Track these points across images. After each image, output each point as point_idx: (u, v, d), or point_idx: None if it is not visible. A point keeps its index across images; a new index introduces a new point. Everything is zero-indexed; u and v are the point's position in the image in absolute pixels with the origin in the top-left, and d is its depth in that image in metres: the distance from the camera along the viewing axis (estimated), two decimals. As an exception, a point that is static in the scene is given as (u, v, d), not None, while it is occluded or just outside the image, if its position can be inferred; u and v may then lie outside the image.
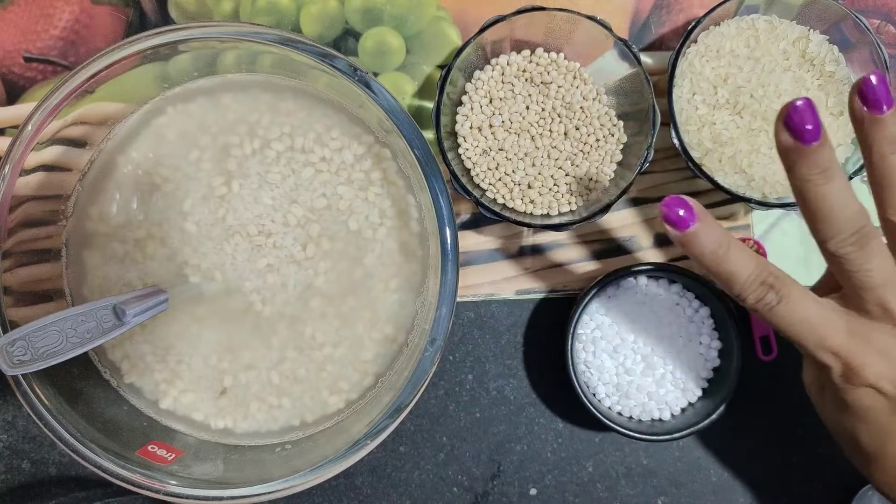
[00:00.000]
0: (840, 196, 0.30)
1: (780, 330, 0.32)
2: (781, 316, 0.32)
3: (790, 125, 0.29)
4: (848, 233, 0.30)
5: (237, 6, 0.44)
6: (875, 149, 0.30)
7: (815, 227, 0.31)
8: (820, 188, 0.30)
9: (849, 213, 0.30)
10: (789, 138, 0.30)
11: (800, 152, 0.30)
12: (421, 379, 0.34)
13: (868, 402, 0.32)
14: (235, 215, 0.38)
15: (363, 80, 0.34)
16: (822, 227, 0.31)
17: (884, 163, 0.31)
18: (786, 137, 0.30)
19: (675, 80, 0.40)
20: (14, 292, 0.36)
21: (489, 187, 0.42)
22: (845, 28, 0.41)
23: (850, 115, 0.31)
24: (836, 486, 0.45)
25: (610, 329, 0.42)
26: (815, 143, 0.29)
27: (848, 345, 0.32)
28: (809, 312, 0.32)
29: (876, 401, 0.32)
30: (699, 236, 0.31)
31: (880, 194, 0.32)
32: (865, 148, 0.31)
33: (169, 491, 0.34)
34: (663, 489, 0.45)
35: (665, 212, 0.31)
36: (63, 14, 0.44)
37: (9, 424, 0.44)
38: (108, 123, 0.38)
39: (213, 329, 0.38)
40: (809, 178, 0.30)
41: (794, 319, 0.32)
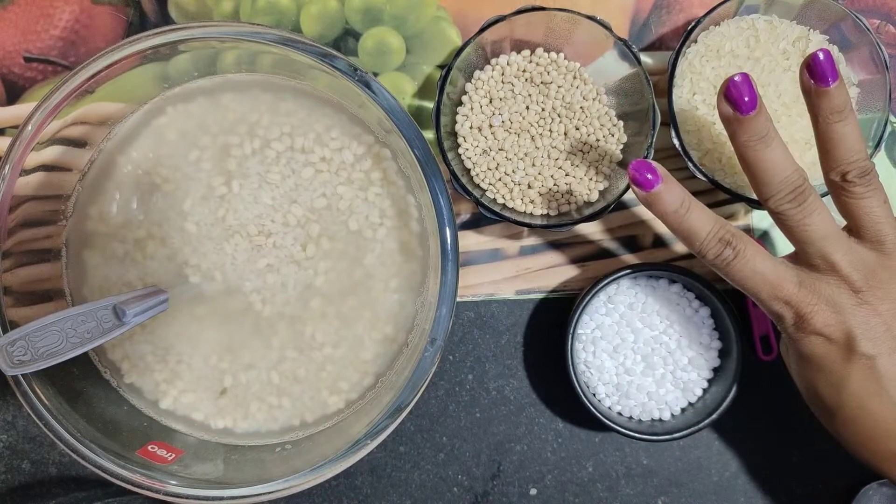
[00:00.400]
0: (777, 159, 0.34)
1: (737, 283, 0.35)
2: (738, 269, 0.35)
3: (729, 97, 0.33)
4: (786, 191, 0.34)
5: (237, 6, 0.44)
6: (821, 118, 0.34)
7: (757, 188, 0.35)
8: (759, 153, 0.34)
9: (786, 174, 0.34)
10: (729, 109, 0.33)
11: (739, 121, 0.33)
12: (421, 379, 0.34)
13: (820, 349, 0.35)
14: (235, 215, 0.38)
15: (363, 80, 0.34)
16: (762, 188, 0.34)
17: (827, 130, 0.34)
18: (726, 108, 0.34)
19: (675, 80, 0.40)
20: (14, 292, 0.36)
21: (489, 187, 0.42)
22: (845, 28, 0.41)
23: (801, 88, 0.34)
24: (836, 485, 0.45)
25: (610, 329, 0.42)
26: (752, 113, 0.33)
27: (798, 294, 0.34)
28: (763, 267, 0.35)
29: (827, 348, 0.34)
30: (662, 196, 0.34)
31: (824, 158, 0.35)
32: (813, 117, 0.34)
33: (169, 491, 0.34)
34: (663, 489, 0.45)
35: (633, 174, 0.34)
36: (63, 14, 0.44)
37: (9, 424, 0.44)
38: (108, 123, 0.38)
39: (213, 329, 0.38)
40: (749, 144, 0.34)
41: (749, 273, 0.34)
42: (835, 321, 0.34)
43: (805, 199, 0.34)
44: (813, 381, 0.36)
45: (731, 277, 0.35)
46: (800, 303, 0.34)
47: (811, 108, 0.35)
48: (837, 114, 0.34)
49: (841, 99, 0.34)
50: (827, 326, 0.34)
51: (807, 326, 0.34)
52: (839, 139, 0.34)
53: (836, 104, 0.34)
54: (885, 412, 0.34)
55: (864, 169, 0.34)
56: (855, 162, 0.34)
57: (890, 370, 0.34)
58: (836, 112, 0.34)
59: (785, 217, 0.34)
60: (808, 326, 0.34)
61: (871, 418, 0.34)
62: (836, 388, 0.35)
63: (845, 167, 0.34)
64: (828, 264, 0.34)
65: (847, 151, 0.34)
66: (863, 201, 0.34)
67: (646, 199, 0.35)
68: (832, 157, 0.34)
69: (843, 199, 0.35)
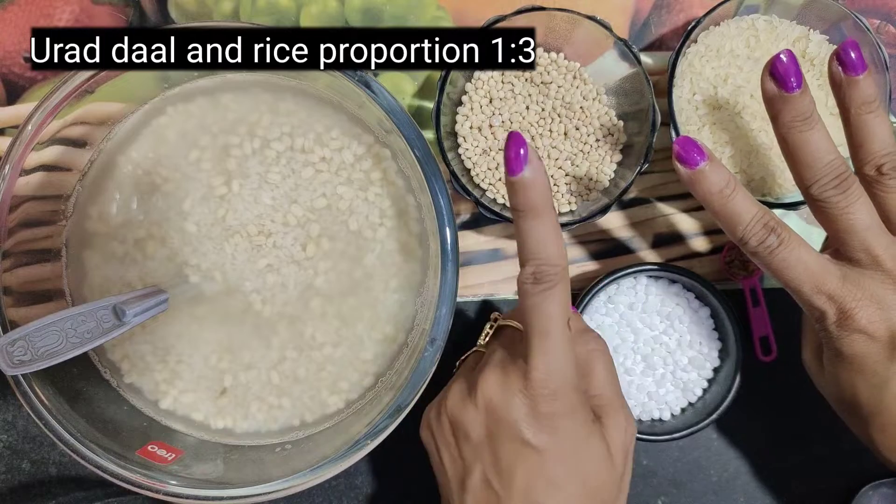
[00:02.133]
0: (821, 142, 0.33)
1: (778, 274, 0.33)
2: (782, 258, 0.33)
3: (775, 74, 0.32)
4: (830, 177, 0.32)
5: (237, 6, 0.44)
6: (853, 109, 0.33)
7: (799, 172, 0.34)
8: (803, 134, 0.33)
9: (829, 157, 0.33)
10: (774, 87, 0.33)
11: (784, 100, 0.33)
12: (421, 379, 0.34)
13: (862, 348, 0.33)
14: (235, 215, 0.38)
15: (363, 80, 0.34)
16: (805, 172, 0.33)
17: (859, 121, 0.33)
18: (771, 86, 0.33)
19: (675, 80, 0.40)
20: (14, 292, 0.36)
21: (489, 187, 0.42)
22: (845, 28, 0.41)
23: (829, 80, 0.34)
24: (836, 485, 0.45)
25: (610, 329, 0.42)
26: (798, 91, 0.32)
27: (842, 289, 0.33)
28: (808, 258, 0.33)
29: (870, 347, 0.33)
30: (708, 175, 0.33)
31: (858, 151, 0.34)
32: (843, 110, 0.34)
33: (169, 491, 0.34)
34: (663, 489, 0.45)
35: (677, 150, 0.33)
36: (63, 14, 0.44)
37: (9, 424, 0.44)
38: (108, 123, 0.38)
39: (213, 329, 0.38)
40: (793, 125, 0.33)
41: (793, 262, 0.33)
42: (879, 318, 0.32)
43: (849, 186, 0.32)
44: (852, 383, 0.34)
45: (774, 267, 0.33)
46: (844, 298, 0.32)
47: (841, 100, 0.34)
48: (869, 104, 0.33)
49: (872, 89, 0.33)
50: (871, 323, 0.32)
51: (850, 323, 0.33)
52: (872, 131, 0.33)
53: (867, 94, 0.33)
54: None
55: None
56: (890, 154, 0.33)
57: None
58: (867, 102, 0.33)
59: (828, 205, 0.33)
60: (852, 323, 0.33)
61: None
62: (878, 390, 0.33)
63: (880, 160, 0.33)
64: (871, 258, 0.32)
65: (882, 144, 0.33)
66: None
67: (690, 177, 0.33)
68: (866, 150, 0.33)
69: (878, 195, 0.33)
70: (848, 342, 0.33)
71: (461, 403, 0.32)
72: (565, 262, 0.31)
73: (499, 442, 0.31)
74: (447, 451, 0.32)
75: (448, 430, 0.32)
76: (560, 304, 0.30)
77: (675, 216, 0.45)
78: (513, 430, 0.30)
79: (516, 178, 0.30)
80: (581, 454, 0.31)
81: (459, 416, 0.32)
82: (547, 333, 0.30)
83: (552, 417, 0.30)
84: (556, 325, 0.30)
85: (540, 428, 0.30)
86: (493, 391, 0.31)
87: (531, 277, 0.30)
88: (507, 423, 0.31)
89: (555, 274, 0.30)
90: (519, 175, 0.30)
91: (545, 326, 0.30)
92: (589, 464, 0.31)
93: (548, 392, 0.30)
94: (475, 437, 0.31)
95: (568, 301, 0.31)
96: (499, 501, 0.30)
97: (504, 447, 0.31)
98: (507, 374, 0.31)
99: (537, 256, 0.30)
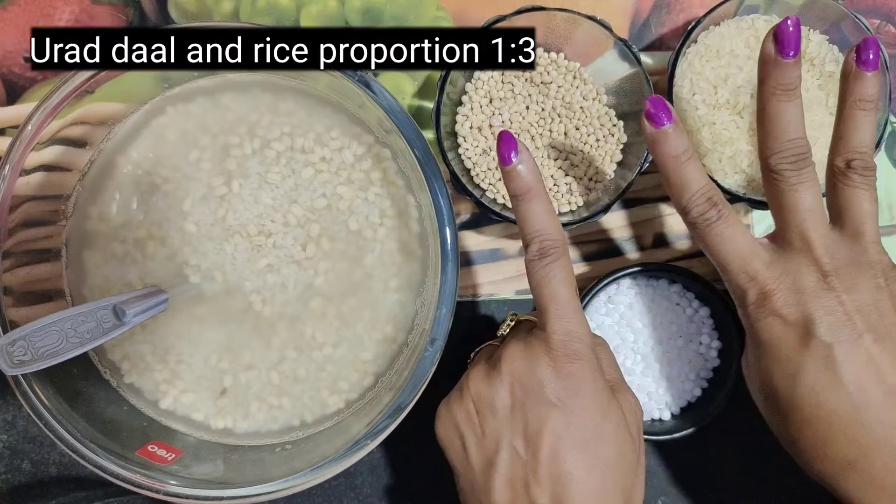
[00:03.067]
0: (794, 118, 0.34)
1: (710, 249, 0.35)
2: (717, 233, 0.34)
3: (778, 36, 0.33)
4: (791, 152, 0.34)
5: (237, 6, 0.44)
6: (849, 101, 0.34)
7: (765, 141, 0.34)
8: (781, 104, 0.34)
9: (796, 136, 0.34)
10: (773, 49, 0.33)
11: (777, 64, 0.33)
12: (421, 379, 0.34)
13: (776, 331, 0.33)
14: (235, 215, 0.38)
15: (363, 80, 0.34)
16: (770, 142, 0.34)
17: (849, 114, 0.34)
18: (770, 47, 0.33)
19: (675, 80, 0.40)
20: (14, 292, 0.36)
21: (489, 187, 0.42)
22: (845, 28, 0.41)
23: (841, 70, 0.35)
24: (836, 486, 0.45)
25: (610, 329, 0.42)
26: (791, 59, 0.33)
27: (766, 271, 0.34)
28: (741, 237, 0.34)
29: (784, 331, 0.33)
30: (670, 137, 0.34)
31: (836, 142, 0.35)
32: (841, 100, 0.35)
33: (169, 491, 0.34)
34: (663, 489, 0.45)
35: (648, 107, 0.34)
36: (63, 14, 0.44)
37: (9, 424, 0.44)
38: (108, 123, 0.38)
39: (213, 329, 0.38)
40: (775, 92, 0.34)
41: (727, 238, 0.34)
42: (795, 302, 0.33)
43: (805, 166, 0.34)
44: (769, 373, 0.34)
45: (708, 241, 0.34)
46: (766, 279, 0.34)
47: (842, 91, 0.35)
48: (866, 102, 0.34)
49: (874, 89, 0.34)
50: (787, 306, 0.33)
51: (767, 304, 0.33)
52: (858, 127, 0.34)
53: (869, 92, 0.34)
54: (842, 408, 0.32)
55: (868, 163, 0.34)
56: (864, 154, 0.34)
57: (847, 360, 0.32)
58: (864, 100, 0.34)
59: (780, 178, 0.34)
60: (769, 304, 0.33)
61: (826, 417, 0.32)
62: (792, 380, 0.33)
63: (852, 155, 0.34)
64: (804, 241, 0.33)
65: (860, 142, 0.34)
66: (857, 191, 0.34)
67: (653, 135, 0.34)
68: (844, 143, 0.34)
69: (838, 186, 0.34)
70: (764, 325, 0.34)
71: (486, 380, 0.33)
72: (564, 238, 0.33)
73: (526, 408, 0.32)
74: (472, 433, 0.33)
75: (472, 411, 0.33)
76: (567, 272, 0.33)
77: (676, 216, 0.45)
78: (539, 392, 0.31)
79: (510, 167, 0.33)
80: (604, 417, 0.32)
81: (484, 392, 0.32)
82: (559, 299, 0.32)
83: (575, 378, 0.32)
84: (567, 292, 0.32)
85: (565, 387, 0.31)
86: (517, 360, 0.32)
87: (537, 253, 0.33)
88: (533, 387, 0.32)
89: (557, 247, 0.33)
90: (511, 164, 0.33)
91: (556, 293, 0.32)
92: (611, 427, 0.32)
93: (571, 352, 0.32)
94: (501, 409, 0.32)
95: (572, 272, 0.33)
96: (526, 471, 0.31)
97: (531, 411, 0.31)
98: (528, 344, 0.33)
99: (539, 232, 0.33)
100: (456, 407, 0.33)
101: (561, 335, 0.32)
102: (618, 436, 0.32)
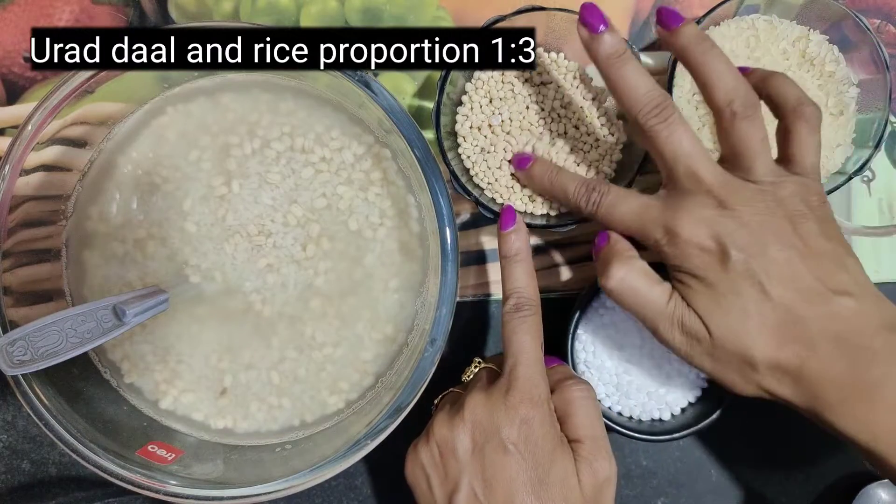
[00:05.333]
0: (637, 75, 0.35)
1: (611, 223, 0.36)
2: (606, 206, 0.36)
3: (583, 20, 0.35)
4: (650, 105, 0.35)
5: (237, 6, 0.44)
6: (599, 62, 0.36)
7: (625, 105, 0.35)
8: (619, 69, 0.35)
9: (647, 88, 0.35)
10: (585, 32, 0.35)
11: (594, 39, 0.35)
12: (421, 379, 0.34)
13: (697, 260, 0.34)
14: (235, 215, 0.38)
15: (363, 80, 0.34)
16: (629, 103, 0.35)
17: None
18: (584, 32, 0.35)
19: (675, 80, 0.40)
20: (14, 292, 0.36)
21: (489, 187, 0.42)
22: (845, 28, 0.41)
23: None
24: (836, 486, 0.45)
25: (610, 329, 0.42)
26: (604, 29, 0.35)
27: (665, 214, 0.35)
28: (629, 199, 0.36)
29: (703, 258, 0.34)
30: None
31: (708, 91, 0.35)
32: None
33: (169, 491, 0.34)
34: (663, 489, 0.45)
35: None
36: (63, 14, 0.44)
37: (9, 424, 0.44)
38: (108, 123, 0.38)
39: (214, 329, 0.38)
40: (609, 62, 0.35)
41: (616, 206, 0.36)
42: (703, 228, 0.34)
43: (670, 114, 0.34)
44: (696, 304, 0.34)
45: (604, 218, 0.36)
46: (667, 218, 0.35)
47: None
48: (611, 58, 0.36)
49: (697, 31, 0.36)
50: (695, 234, 0.34)
51: (677, 238, 0.34)
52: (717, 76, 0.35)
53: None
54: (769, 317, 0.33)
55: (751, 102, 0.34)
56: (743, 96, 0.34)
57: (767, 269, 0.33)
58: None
59: (653, 133, 0.35)
60: (679, 237, 0.34)
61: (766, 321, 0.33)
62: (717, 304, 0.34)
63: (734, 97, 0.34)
64: (694, 180, 0.34)
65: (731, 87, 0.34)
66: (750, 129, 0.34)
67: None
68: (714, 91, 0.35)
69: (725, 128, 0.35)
70: (684, 258, 0.34)
71: (449, 424, 0.35)
72: (539, 300, 0.36)
73: (485, 452, 0.34)
74: (436, 474, 0.35)
75: (437, 454, 0.35)
76: (535, 329, 0.36)
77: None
78: (496, 436, 0.33)
79: (506, 233, 0.37)
80: (552, 464, 0.33)
81: (447, 435, 0.34)
82: (526, 349, 0.35)
83: (530, 423, 0.34)
84: (534, 344, 0.35)
85: (519, 433, 0.34)
86: (478, 407, 0.34)
87: (513, 307, 0.36)
88: (492, 431, 0.34)
89: (531, 305, 0.36)
90: (508, 230, 0.37)
91: (524, 344, 0.35)
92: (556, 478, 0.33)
93: (527, 398, 0.34)
94: (462, 453, 0.34)
95: (540, 331, 0.36)
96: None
97: (489, 456, 0.33)
98: (489, 394, 0.35)
99: (518, 290, 0.36)
100: (422, 449, 0.35)
101: (523, 381, 0.34)
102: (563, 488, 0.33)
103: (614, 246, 0.36)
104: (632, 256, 0.36)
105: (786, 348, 0.33)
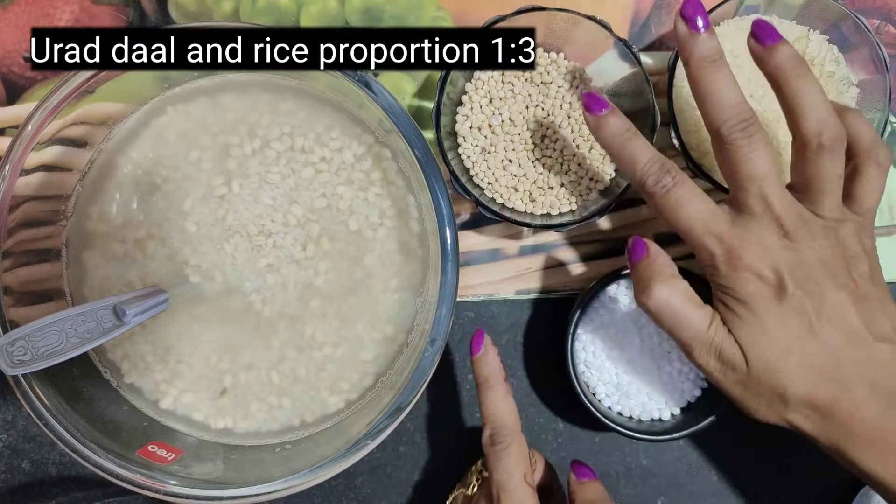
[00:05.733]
0: (729, 84, 0.34)
1: (672, 215, 0.35)
2: (676, 198, 0.35)
3: (686, 15, 0.34)
4: (737, 119, 0.34)
5: (237, 6, 0.44)
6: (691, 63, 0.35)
7: (709, 113, 0.35)
8: (712, 74, 0.34)
9: (737, 100, 0.34)
10: (685, 27, 0.34)
11: (692, 38, 0.34)
12: (421, 379, 0.34)
13: (752, 286, 0.34)
14: (235, 215, 0.38)
15: (363, 80, 0.34)
16: (714, 112, 0.34)
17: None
18: (683, 27, 0.35)
19: (675, 80, 0.40)
20: (14, 292, 0.36)
21: (489, 187, 0.42)
22: (845, 28, 0.41)
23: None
24: (836, 485, 0.45)
25: (610, 329, 0.42)
26: (704, 30, 0.34)
27: (730, 230, 0.34)
28: (700, 199, 0.35)
29: (758, 286, 0.34)
30: (609, 120, 0.36)
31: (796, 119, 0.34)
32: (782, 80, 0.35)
33: (169, 491, 0.34)
34: (663, 489, 0.45)
35: (584, 100, 0.36)
36: (63, 14, 0.44)
37: (9, 424, 0.44)
38: (108, 123, 0.38)
39: (214, 329, 0.38)
40: (703, 65, 0.34)
41: (685, 202, 0.35)
42: (764, 257, 0.34)
43: (755, 132, 0.34)
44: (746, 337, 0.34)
45: (668, 208, 0.35)
46: (732, 237, 0.34)
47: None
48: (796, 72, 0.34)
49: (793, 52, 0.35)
50: (757, 261, 0.34)
51: (737, 262, 0.34)
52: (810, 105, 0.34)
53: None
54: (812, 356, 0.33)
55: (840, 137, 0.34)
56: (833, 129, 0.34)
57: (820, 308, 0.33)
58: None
59: (733, 147, 0.34)
60: (739, 261, 0.34)
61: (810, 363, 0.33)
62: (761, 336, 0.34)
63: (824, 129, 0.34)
64: (765, 204, 0.34)
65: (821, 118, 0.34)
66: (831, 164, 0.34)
67: (595, 122, 0.36)
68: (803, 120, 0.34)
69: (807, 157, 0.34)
70: (740, 283, 0.34)
71: None
72: (516, 425, 0.36)
73: None
74: None
75: None
76: (515, 459, 0.35)
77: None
78: None
79: (475, 358, 0.37)
80: None
81: None
82: (505, 485, 0.35)
83: None
84: (514, 477, 0.35)
85: None
86: None
87: (489, 439, 0.36)
88: None
89: (507, 435, 0.36)
90: (476, 356, 0.37)
91: (504, 479, 0.35)
92: None
93: None
94: None
95: (523, 454, 0.36)
96: None
97: None
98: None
99: (492, 419, 0.36)
100: None
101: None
102: None
103: (655, 260, 0.35)
104: (674, 275, 0.35)
105: (822, 388, 0.33)
